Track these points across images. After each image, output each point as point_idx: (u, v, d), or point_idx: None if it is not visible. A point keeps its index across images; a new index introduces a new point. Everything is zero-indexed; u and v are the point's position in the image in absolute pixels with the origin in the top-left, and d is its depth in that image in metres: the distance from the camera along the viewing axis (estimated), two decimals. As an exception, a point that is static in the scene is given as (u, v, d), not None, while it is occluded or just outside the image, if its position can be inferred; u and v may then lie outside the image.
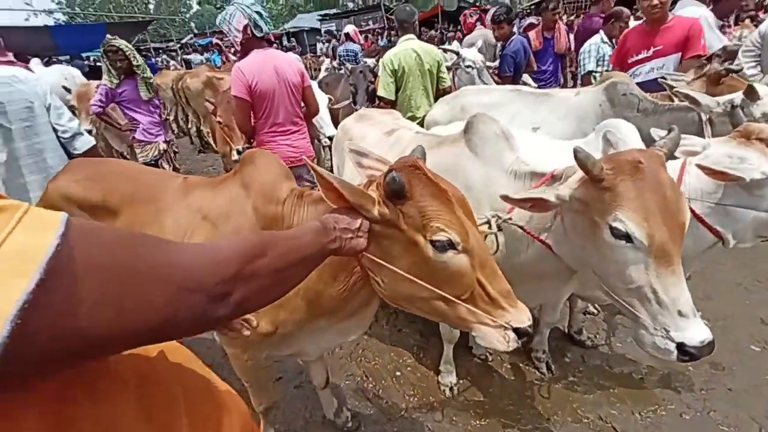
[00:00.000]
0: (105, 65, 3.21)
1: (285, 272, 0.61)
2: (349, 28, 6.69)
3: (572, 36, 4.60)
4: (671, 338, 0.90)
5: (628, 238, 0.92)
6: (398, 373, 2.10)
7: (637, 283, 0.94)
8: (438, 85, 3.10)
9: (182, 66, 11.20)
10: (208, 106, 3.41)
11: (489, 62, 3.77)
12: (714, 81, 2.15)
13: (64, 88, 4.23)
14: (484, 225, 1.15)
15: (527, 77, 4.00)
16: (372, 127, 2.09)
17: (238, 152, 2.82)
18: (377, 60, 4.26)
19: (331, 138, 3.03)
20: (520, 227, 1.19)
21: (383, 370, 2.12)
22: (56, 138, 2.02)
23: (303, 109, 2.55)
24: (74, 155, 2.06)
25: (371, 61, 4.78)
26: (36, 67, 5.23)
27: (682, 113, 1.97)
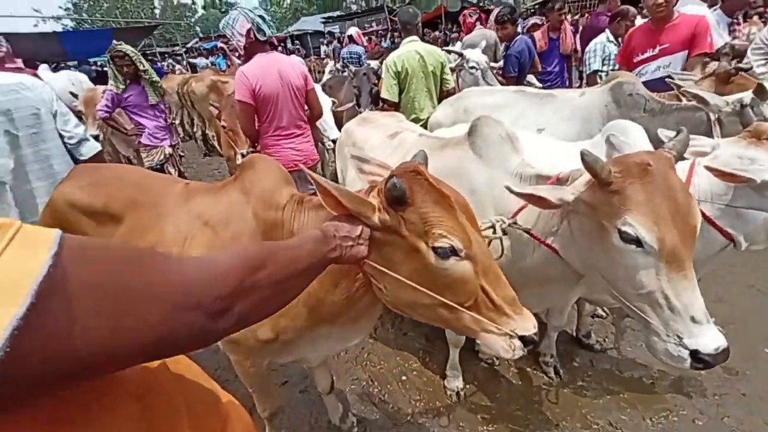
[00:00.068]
0: (111, 70, 3.25)
1: (286, 283, 0.60)
2: (352, 31, 6.68)
3: (577, 36, 4.55)
4: (684, 345, 0.88)
5: (638, 243, 0.90)
6: (404, 378, 2.08)
7: (648, 289, 0.92)
8: (442, 87, 3.09)
9: (187, 70, 11.30)
10: (213, 111, 3.43)
11: (492, 63, 3.74)
12: (723, 80, 2.11)
13: (72, 94, 4.28)
14: (489, 229, 1.14)
15: (532, 78, 3.97)
16: (375, 130, 2.08)
17: (243, 156, 2.82)
18: (381, 62, 4.25)
19: (335, 141, 3.03)
20: (526, 231, 1.17)
21: (389, 375, 2.11)
22: (63, 144, 2.04)
23: (307, 113, 2.55)
24: (80, 161, 2.07)
25: (375, 63, 4.77)
26: (44, 73, 5.31)
27: (690, 113, 1.93)
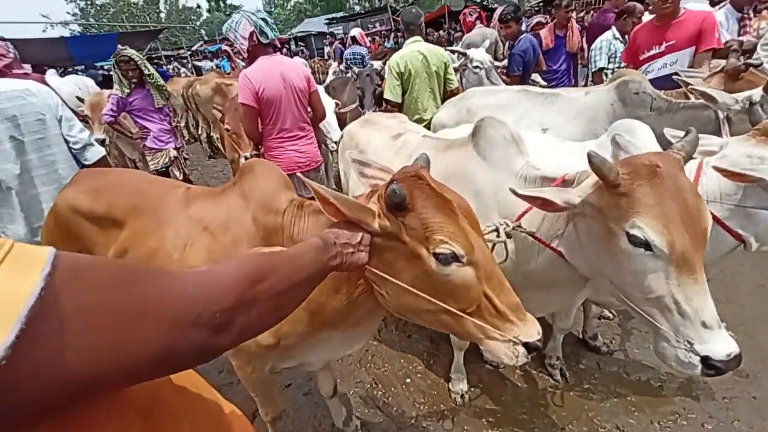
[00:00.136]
0: (116, 75, 3.28)
1: (287, 294, 0.59)
2: (356, 32, 6.66)
3: (583, 34, 4.50)
4: (695, 351, 0.86)
5: (647, 246, 0.88)
6: (408, 380, 2.07)
7: (657, 293, 0.90)
8: (445, 87, 3.06)
9: (192, 73, 11.37)
10: (216, 114, 3.44)
11: (496, 62, 3.71)
12: (733, 77, 2.07)
13: (78, 99, 4.32)
14: (492, 233, 1.12)
15: (537, 76, 3.92)
16: (378, 132, 2.07)
17: (246, 159, 2.83)
18: (384, 63, 4.24)
19: (338, 142, 3.02)
20: (530, 234, 1.15)
21: (393, 377, 2.09)
22: (68, 149, 2.05)
23: (310, 114, 2.55)
24: (85, 166, 2.09)
25: (378, 64, 4.76)
26: (52, 78, 5.36)
27: (698, 111, 1.90)
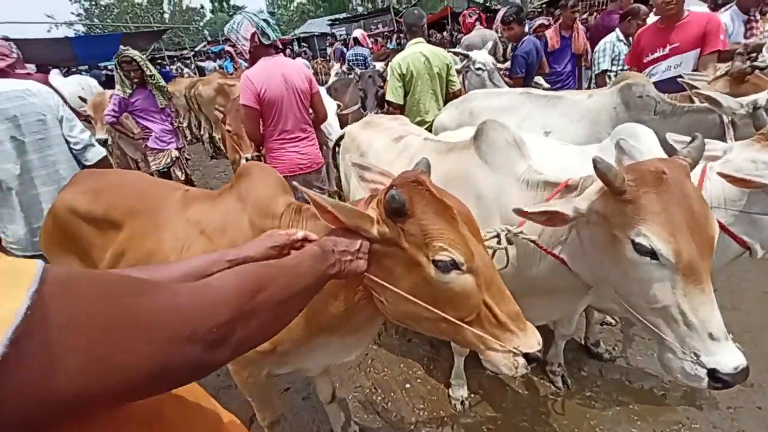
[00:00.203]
0: (118, 75, 3.28)
1: (286, 304, 0.58)
2: (358, 33, 6.66)
3: (587, 36, 4.47)
4: (702, 364, 0.83)
5: (653, 255, 0.86)
6: (408, 386, 2.05)
7: (663, 303, 0.87)
8: (447, 89, 3.05)
9: (196, 73, 11.40)
10: (218, 115, 3.44)
11: (498, 64, 3.69)
12: (738, 80, 2.04)
13: (81, 99, 4.33)
14: (493, 239, 1.10)
15: (540, 79, 3.90)
16: (379, 134, 2.05)
17: (247, 160, 2.82)
18: (386, 64, 4.22)
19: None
20: (532, 241, 1.13)
21: (392, 382, 2.07)
22: (69, 149, 2.05)
23: (311, 116, 2.53)
24: (86, 166, 2.08)
25: (380, 65, 4.74)
26: (55, 78, 5.38)
27: (703, 115, 1.87)
